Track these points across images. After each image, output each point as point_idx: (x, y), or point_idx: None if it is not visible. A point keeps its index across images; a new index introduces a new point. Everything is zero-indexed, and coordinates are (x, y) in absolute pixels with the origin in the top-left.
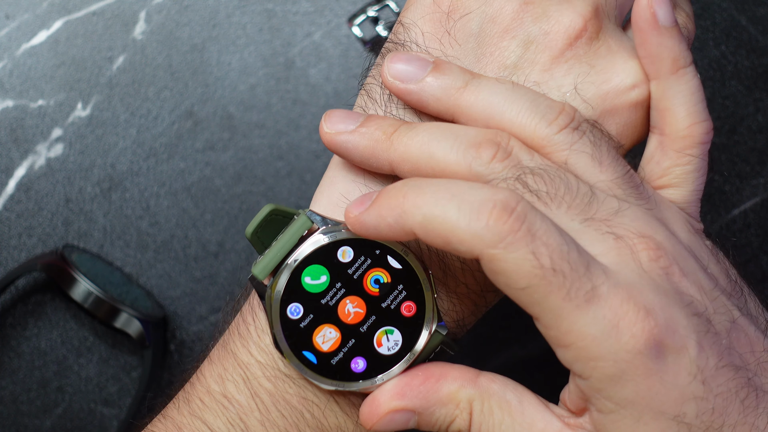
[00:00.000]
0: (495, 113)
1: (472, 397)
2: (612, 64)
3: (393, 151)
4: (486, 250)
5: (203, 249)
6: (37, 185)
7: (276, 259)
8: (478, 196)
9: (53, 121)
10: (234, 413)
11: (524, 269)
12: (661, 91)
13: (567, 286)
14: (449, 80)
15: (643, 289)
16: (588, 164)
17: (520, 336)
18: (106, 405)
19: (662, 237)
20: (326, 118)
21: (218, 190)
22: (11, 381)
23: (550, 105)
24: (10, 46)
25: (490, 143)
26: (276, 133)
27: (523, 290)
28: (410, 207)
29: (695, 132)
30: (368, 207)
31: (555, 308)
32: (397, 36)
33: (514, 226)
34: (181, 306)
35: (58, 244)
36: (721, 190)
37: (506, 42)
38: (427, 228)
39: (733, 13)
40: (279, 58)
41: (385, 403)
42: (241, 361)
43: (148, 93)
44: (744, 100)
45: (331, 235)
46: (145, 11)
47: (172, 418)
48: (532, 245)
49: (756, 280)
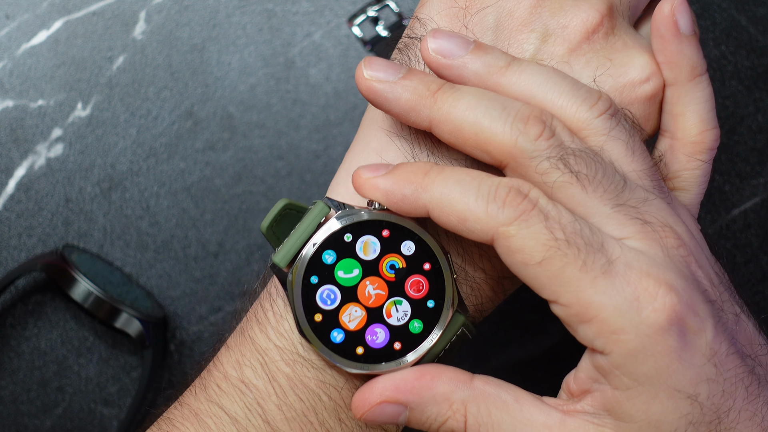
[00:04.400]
0: (537, 93)
1: (466, 399)
2: (629, 58)
3: (437, 109)
4: (501, 228)
5: (203, 249)
6: (37, 185)
7: (296, 246)
8: (495, 181)
9: (53, 121)
10: (251, 398)
11: (539, 241)
12: (677, 97)
13: (582, 257)
14: (492, 59)
15: (667, 268)
16: (622, 152)
17: (520, 336)
18: (106, 405)
19: (681, 230)
20: (366, 64)
21: (218, 190)
22: (11, 381)
23: (590, 90)
24: (10, 46)
25: (537, 120)
26: (276, 133)
27: (540, 264)
28: (430, 183)
29: (706, 138)
30: (385, 174)
31: (573, 280)
32: (413, 31)
33: (527, 206)
34: (181, 306)
35: (58, 244)
36: (721, 190)
37: (524, 35)
38: (443, 205)
39: (733, 13)
40: (279, 58)
41: (378, 393)
42: (259, 347)
43: (148, 93)
44: (744, 100)
45: (349, 218)
46: (145, 11)
47: (188, 404)
48: (546, 222)
49: (756, 280)
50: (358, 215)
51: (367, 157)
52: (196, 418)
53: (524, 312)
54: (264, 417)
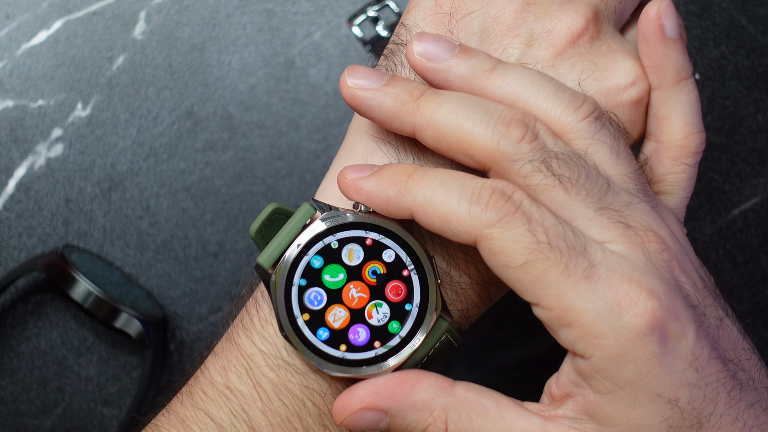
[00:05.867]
0: (521, 96)
1: (447, 406)
2: (614, 62)
3: (419, 115)
4: (484, 230)
5: (203, 249)
6: (37, 185)
7: (281, 247)
8: (479, 183)
9: (53, 121)
10: (237, 404)
11: (521, 244)
12: (662, 101)
13: (565, 261)
14: (477, 62)
15: (648, 273)
16: (606, 155)
17: (520, 336)
18: (106, 405)
19: (665, 234)
20: (350, 73)
21: (218, 190)
22: (11, 381)
23: (574, 94)
24: (10, 46)
25: (519, 123)
26: (276, 133)
27: (522, 267)
28: (414, 185)
29: (691, 142)
30: (369, 175)
31: (554, 283)
32: (399, 37)
33: (510, 209)
34: (181, 306)
35: (58, 244)
36: (721, 190)
37: (509, 39)
38: (426, 207)
39: (733, 13)
40: (279, 58)
41: (359, 399)
42: (245, 352)
43: (148, 93)
44: (744, 100)
45: (334, 220)
46: (145, 11)
47: (175, 411)
48: (529, 225)
49: (756, 280)
50: (344, 217)
51: (354, 162)
52: (182, 424)
53: (524, 312)
54: (249, 423)
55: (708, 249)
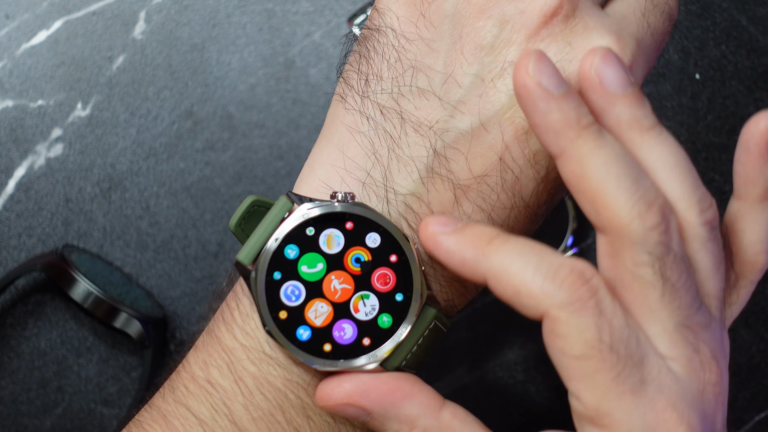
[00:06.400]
0: (661, 171)
1: (429, 429)
2: (588, 41)
3: (578, 146)
4: (552, 310)
5: (203, 249)
6: (37, 185)
7: (260, 242)
8: (558, 260)
9: (53, 121)
10: (218, 398)
11: (584, 337)
12: (741, 213)
13: (618, 369)
14: (642, 113)
15: (694, 407)
16: (710, 267)
17: (520, 336)
18: (106, 405)
19: (723, 366)
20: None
21: (218, 190)
22: (11, 381)
23: (705, 194)
24: (10, 46)
25: (660, 210)
26: (276, 133)
27: (576, 359)
28: (492, 251)
29: (760, 260)
30: (451, 232)
31: (601, 386)
32: (372, 22)
33: (584, 295)
34: (181, 306)
35: (58, 244)
36: (722, 190)
37: (482, 22)
38: (501, 276)
39: (733, 13)
40: (279, 58)
41: (346, 394)
42: (226, 346)
43: (148, 93)
44: (744, 100)
45: (311, 211)
46: (145, 11)
47: (157, 406)
48: (598, 318)
49: None
50: (321, 208)
51: (329, 152)
52: (164, 420)
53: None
54: (231, 417)
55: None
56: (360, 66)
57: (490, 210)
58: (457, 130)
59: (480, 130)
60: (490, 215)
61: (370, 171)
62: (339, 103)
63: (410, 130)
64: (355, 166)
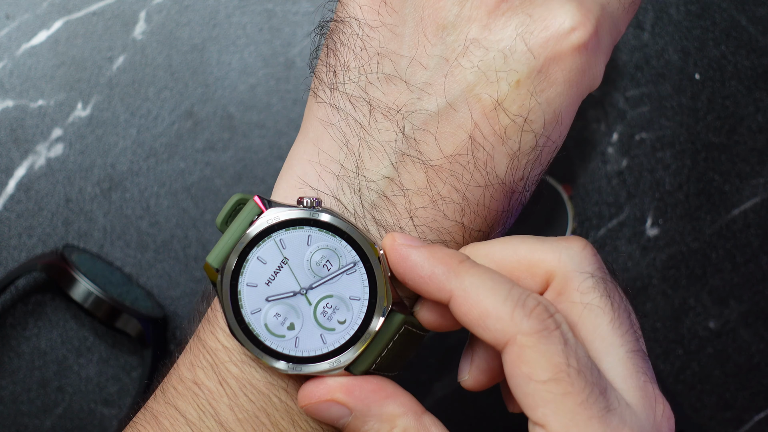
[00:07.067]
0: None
1: (409, 428)
2: (548, 11)
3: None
4: (519, 336)
5: (203, 249)
6: (37, 185)
7: (228, 246)
8: (526, 292)
9: (53, 121)
10: (204, 399)
11: (552, 361)
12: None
13: (586, 393)
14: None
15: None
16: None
17: None
18: (106, 405)
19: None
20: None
21: (218, 190)
22: (11, 381)
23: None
24: (10, 46)
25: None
26: (276, 133)
27: (544, 383)
28: (464, 270)
29: None
30: (420, 246)
31: (569, 411)
32: (337, 14)
33: (551, 325)
34: (181, 306)
35: (58, 244)
36: (721, 190)
37: (442, 2)
38: (469, 296)
39: (733, 13)
40: (279, 58)
41: (330, 390)
42: (209, 347)
43: (148, 93)
44: (744, 100)
45: (278, 217)
46: (145, 11)
47: (150, 407)
48: (564, 346)
49: (756, 280)
50: (288, 213)
51: (305, 147)
52: (155, 420)
53: None
54: (217, 418)
55: (708, 249)
56: (328, 59)
57: (464, 189)
58: (426, 111)
59: (448, 109)
60: (464, 195)
61: (343, 162)
62: (312, 98)
63: (379, 116)
64: (330, 159)
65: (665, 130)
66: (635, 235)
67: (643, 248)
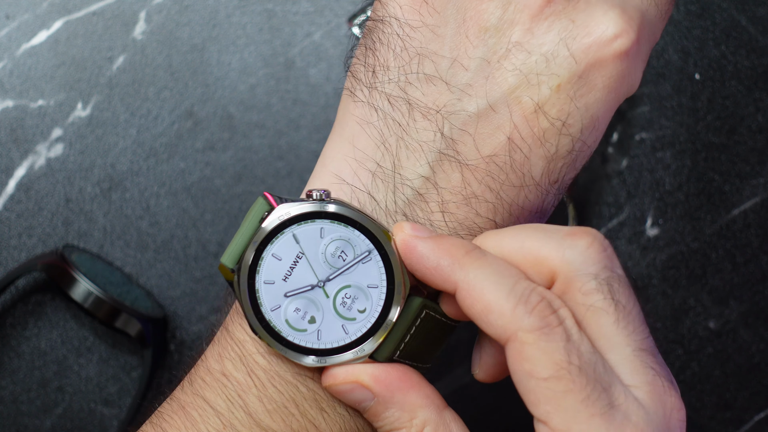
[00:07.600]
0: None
1: (429, 421)
2: (591, 17)
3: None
4: (521, 333)
5: (203, 249)
6: (37, 185)
7: (241, 244)
8: (530, 286)
9: (53, 121)
10: (233, 390)
11: (553, 358)
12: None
13: (588, 390)
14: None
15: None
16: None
17: None
18: (106, 405)
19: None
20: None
21: (218, 190)
22: (11, 381)
23: None
24: (10, 46)
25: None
26: (276, 133)
27: (545, 381)
28: (469, 262)
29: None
30: (428, 237)
31: (571, 409)
32: (376, 13)
33: (553, 322)
34: (181, 306)
35: (58, 244)
36: (721, 190)
37: (485, 4)
38: (474, 289)
39: (733, 13)
40: (279, 58)
41: (356, 373)
42: (237, 339)
43: (148, 93)
44: (744, 100)
45: (288, 212)
46: (145, 11)
47: (177, 398)
48: (566, 343)
49: (756, 280)
50: (299, 207)
51: (341, 146)
52: (183, 411)
53: None
54: (246, 409)
55: (708, 249)
56: (366, 58)
57: (498, 189)
58: (465, 112)
59: (488, 111)
60: (498, 194)
61: (379, 161)
62: (348, 97)
63: (418, 116)
64: (366, 157)
65: (665, 130)
66: (635, 235)
67: (643, 248)
